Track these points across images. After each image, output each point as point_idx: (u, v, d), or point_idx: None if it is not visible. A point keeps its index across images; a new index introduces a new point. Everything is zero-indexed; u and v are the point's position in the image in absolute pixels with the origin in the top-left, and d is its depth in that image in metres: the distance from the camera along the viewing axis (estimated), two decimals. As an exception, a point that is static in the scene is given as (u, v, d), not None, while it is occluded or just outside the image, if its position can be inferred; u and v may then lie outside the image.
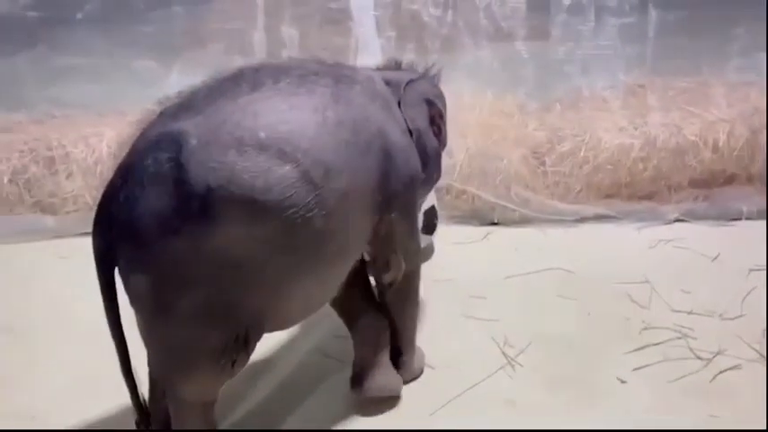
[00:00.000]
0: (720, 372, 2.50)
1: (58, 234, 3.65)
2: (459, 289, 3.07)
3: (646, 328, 2.75)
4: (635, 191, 3.59)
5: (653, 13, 3.77)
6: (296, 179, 1.82)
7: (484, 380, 2.50)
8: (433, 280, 3.11)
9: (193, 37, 3.56)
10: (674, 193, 3.59)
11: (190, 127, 1.81)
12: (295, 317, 2.15)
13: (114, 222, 1.82)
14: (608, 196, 3.61)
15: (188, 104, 1.90)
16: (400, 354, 2.46)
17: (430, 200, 3.10)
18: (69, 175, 3.77)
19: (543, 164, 3.59)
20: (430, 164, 2.40)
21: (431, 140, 2.42)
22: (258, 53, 3.50)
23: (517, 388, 2.48)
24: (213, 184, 1.74)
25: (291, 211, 1.82)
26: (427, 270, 2.72)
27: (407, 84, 2.36)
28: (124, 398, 2.05)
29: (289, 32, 3.42)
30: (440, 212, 3.30)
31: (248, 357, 2.01)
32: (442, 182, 3.42)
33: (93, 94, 3.82)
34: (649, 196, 3.60)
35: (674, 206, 3.55)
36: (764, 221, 3.43)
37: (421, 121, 2.38)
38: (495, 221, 3.59)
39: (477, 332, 2.76)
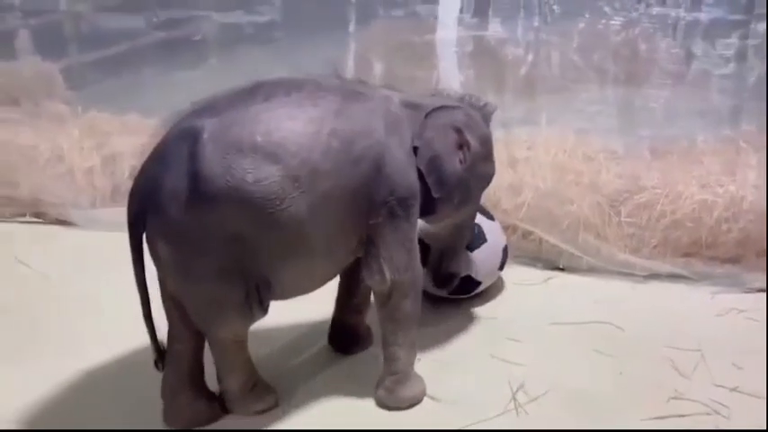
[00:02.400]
0: (741, 457, 2.29)
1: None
2: (498, 328, 3.03)
3: (675, 398, 2.56)
4: (718, 253, 3.32)
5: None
6: (282, 176, 2.15)
7: (480, 422, 2.45)
8: (477, 316, 3.13)
9: (290, 60, 3.82)
10: (763, 261, 3.29)
11: (206, 125, 2.18)
12: (293, 290, 2.41)
13: (142, 195, 2.21)
14: (687, 255, 3.37)
15: (211, 106, 2.25)
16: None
17: (501, 238, 3.16)
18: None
19: (619, 213, 3.44)
20: (446, 187, 2.52)
21: (451, 165, 2.52)
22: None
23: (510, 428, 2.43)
24: (218, 175, 2.12)
25: (277, 201, 2.15)
26: (474, 306, 2.89)
27: (434, 110, 2.51)
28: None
29: (376, 62, 3.57)
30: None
31: (265, 309, 2.34)
32: (508, 220, 3.45)
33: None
34: (734, 260, 3.32)
35: (761, 275, 3.25)
36: None
37: (441, 145, 2.50)
38: (561, 267, 3.49)
39: (497, 374, 2.70)
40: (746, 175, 3.33)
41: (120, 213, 4.12)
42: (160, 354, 2.41)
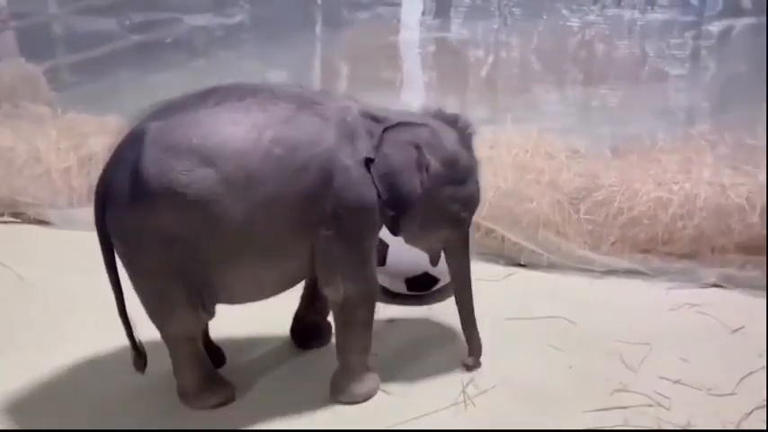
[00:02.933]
0: (677, 447, 2.37)
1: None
2: (455, 324, 3.04)
3: (620, 390, 2.63)
4: (673, 249, 3.40)
5: (735, 63, 3.59)
6: (215, 180, 2.18)
7: (429, 414, 2.51)
8: (436, 312, 3.19)
9: (261, 64, 3.89)
10: (717, 257, 3.36)
11: (152, 127, 2.24)
12: (240, 296, 2.45)
13: (99, 193, 2.32)
14: (644, 251, 3.45)
15: (165, 109, 2.32)
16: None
17: None
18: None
19: (578, 211, 3.52)
20: (403, 206, 2.42)
21: (408, 183, 2.41)
22: (315, 82, 3.75)
23: (459, 426, 2.49)
24: (153, 176, 2.18)
25: (210, 204, 2.19)
26: (435, 301, 2.95)
27: (397, 124, 2.44)
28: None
29: (342, 64, 3.64)
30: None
31: (210, 312, 2.40)
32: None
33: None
34: (690, 256, 3.39)
35: (715, 270, 3.32)
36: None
37: (399, 162, 2.40)
38: (522, 263, 3.56)
39: (450, 368, 2.77)
40: (701, 172, 3.40)
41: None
42: (138, 353, 2.47)
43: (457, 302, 2.77)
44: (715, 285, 3.31)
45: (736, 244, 3.34)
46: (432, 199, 2.47)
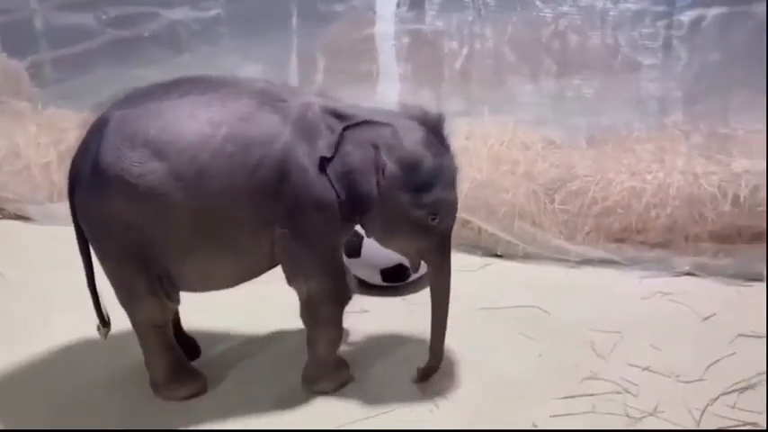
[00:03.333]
0: (642, 432, 2.39)
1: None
2: (429, 315, 3.12)
3: (589, 378, 2.66)
4: (647, 238, 3.43)
5: (707, 53, 3.61)
6: (165, 173, 2.22)
7: (400, 406, 2.54)
8: (412, 302, 3.22)
9: (238, 58, 3.90)
10: (691, 245, 3.39)
11: (116, 116, 2.29)
12: (199, 285, 2.47)
13: (69, 178, 2.37)
14: (618, 240, 3.47)
15: (131, 97, 2.35)
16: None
17: None
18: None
19: (553, 201, 3.54)
20: (359, 207, 2.34)
21: (365, 183, 2.32)
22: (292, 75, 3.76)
23: (427, 415, 2.51)
24: (109, 164, 2.23)
25: (160, 197, 2.23)
26: (411, 292, 2.97)
27: (357, 124, 2.34)
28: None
29: (318, 58, 3.65)
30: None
31: (173, 300, 2.45)
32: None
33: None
34: (663, 245, 3.42)
35: (689, 259, 3.34)
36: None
37: (357, 160, 2.32)
38: (499, 254, 3.58)
39: (423, 358, 2.74)
40: (675, 162, 3.42)
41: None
42: (103, 321, 2.55)
43: (431, 313, 2.63)
44: (688, 274, 3.34)
45: (709, 232, 3.36)
46: (389, 201, 2.36)
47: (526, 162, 3.61)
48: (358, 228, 2.57)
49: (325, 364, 2.61)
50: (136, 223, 2.26)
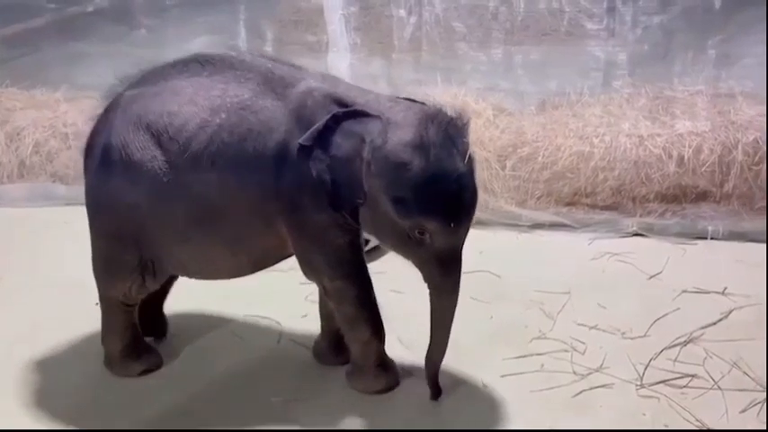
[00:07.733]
0: (589, 389, 2.45)
1: (69, 202, 3.97)
2: (385, 282, 3.01)
3: (538, 338, 2.73)
4: (596, 201, 3.51)
5: (650, 16, 3.67)
6: (163, 160, 2.26)
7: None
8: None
9: (185, 30, 3.85)
10: (638, 207, 3.47)
11: (128, 96, 2.36)
12: (196, 271, 2.48)
13: (84, 151, 2.49)
14: (569, 204, 3.55)
15: (146, 76, 2.40)
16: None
17: None
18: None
19: (504, 167, 3.59)
20: (343, 200, 2.17)
21: (348, 175, 2.14)
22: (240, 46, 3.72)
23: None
24: (114, 145, 2.32)
25: (156, 183, 2.27)
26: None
27: (350, 113, 2.16)
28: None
29: (267, 29, 3.61)
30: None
31: (158, 281, 2.48)
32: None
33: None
34: (612, 207, 3.50)
35: (636, 220, 3.43)
36: (728, 243, 3.29)
37: (344, 150, 2.14)
38: (452, 222, 3.62)
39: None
40: (621, 125, 3.49)
41: (27, 189, 4.24)
42: None
43: (430, 337, 2.39)
44: (636, 234, 3.43)
45: (655, 193, 3.45)
46: (374, 203, 2.16)
47: (477, 129, 3.63)
48: None
49: (364, 366, 2.48)
50: (136, 204, 2.30)
